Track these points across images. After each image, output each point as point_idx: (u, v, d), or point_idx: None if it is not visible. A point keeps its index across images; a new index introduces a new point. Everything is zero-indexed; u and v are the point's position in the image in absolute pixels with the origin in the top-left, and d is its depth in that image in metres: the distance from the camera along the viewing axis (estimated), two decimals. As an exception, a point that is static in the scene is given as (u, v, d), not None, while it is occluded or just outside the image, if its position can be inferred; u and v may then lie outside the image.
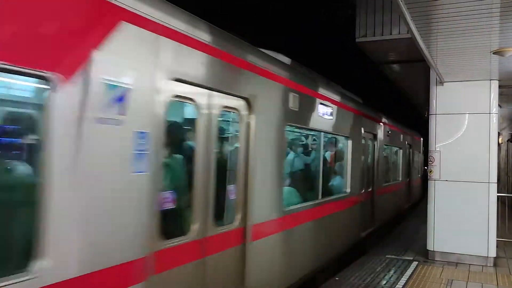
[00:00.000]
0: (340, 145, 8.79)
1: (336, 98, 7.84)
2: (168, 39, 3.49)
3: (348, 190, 8.57)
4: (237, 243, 4.56)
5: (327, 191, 7.81)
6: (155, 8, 3.38)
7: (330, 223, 7.49)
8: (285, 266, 5.73)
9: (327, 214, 7.39)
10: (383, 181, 11.89)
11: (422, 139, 20.39)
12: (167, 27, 3.47)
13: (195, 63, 3.86)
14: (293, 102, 5.80)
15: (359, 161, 9.20)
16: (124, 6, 3.06)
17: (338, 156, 8.76)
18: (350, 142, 8.62)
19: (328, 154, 8.25)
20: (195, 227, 3.89)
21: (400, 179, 14.94)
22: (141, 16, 3.21)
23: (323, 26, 15.63)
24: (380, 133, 11.36)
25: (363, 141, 9.57)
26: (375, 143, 10.88)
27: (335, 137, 8.33)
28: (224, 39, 4.39)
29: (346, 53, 14.45)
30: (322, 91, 7.11)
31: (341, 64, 16.36)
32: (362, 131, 9.44)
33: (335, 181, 8.50)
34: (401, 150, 14.95)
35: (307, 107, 6.43)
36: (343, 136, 8.51)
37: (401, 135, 14.74)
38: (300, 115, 6.12)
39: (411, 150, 16.99)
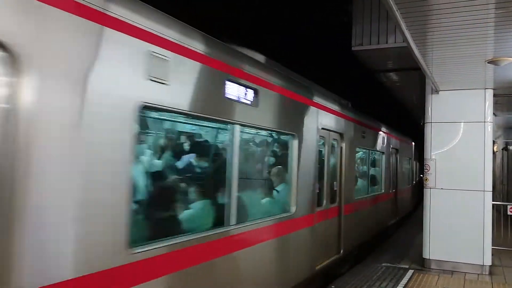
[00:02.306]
0: (276, 145, 6.66)
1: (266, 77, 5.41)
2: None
3: (293, 209, 6.09)
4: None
5: (245, 214, 5.14)
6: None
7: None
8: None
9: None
10: (354, 195, 9.22)
11: (413, 144, 18.66)
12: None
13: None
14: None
15: (310, 167, 6.72)
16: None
17: (273, 160, 6.59)
18: (295, 142, 6.20)
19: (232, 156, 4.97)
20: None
21: (383, 190, 12.30)
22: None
23: (319, 34, 15.71)
24: (350, 133, 8.87)
25: (320, 142, 7.24)
26: (342, 145, 8.35)
27: (272, 134, 6.34)
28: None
29: (342, 61, 14.51)
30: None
31: (336, 71, 16.43)
32: (317, 128, 7.00)
33: (272, 195, 6.18)
34: (383, 156, 12.38)
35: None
36: (284, 132, 6.13)
37: (384, 138, 12.35)
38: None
39: (398, 156, 14.43)
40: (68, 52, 2.77)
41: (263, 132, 6.01)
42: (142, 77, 3.33)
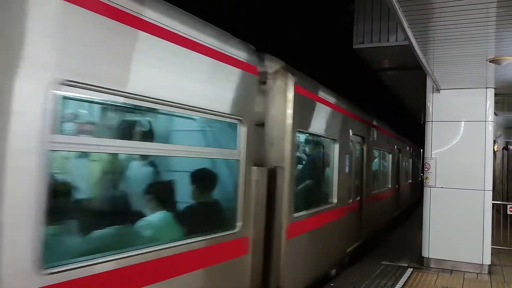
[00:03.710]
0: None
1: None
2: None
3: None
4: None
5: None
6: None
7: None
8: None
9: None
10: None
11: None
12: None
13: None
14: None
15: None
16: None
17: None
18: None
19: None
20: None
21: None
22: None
23: (321, 32, 15.69)
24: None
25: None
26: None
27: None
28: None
29: (343, 59, 14.50)
30: None
31: (337, 69, 16.41)
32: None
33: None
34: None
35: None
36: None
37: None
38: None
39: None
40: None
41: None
42: None
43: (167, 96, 3.45)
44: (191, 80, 3.79)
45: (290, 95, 5.17)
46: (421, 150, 20.08)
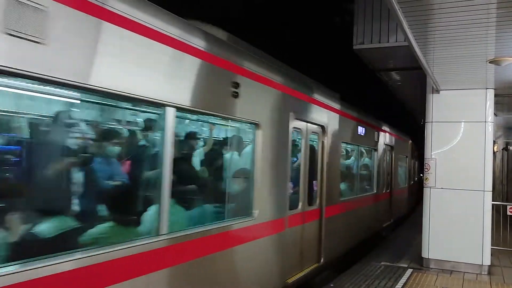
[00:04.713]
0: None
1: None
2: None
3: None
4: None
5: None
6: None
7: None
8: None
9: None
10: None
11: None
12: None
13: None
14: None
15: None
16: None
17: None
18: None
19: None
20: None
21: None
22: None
23: (320, 32, 15.71)
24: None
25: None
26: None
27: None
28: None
29: (343, 60, 14.51)
30: None
31: (337, 70, 16.43)
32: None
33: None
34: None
35: None
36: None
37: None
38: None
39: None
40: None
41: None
42: None
43: None
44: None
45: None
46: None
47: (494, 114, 8.47)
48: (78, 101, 3.44)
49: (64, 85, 2.88)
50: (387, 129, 12.72)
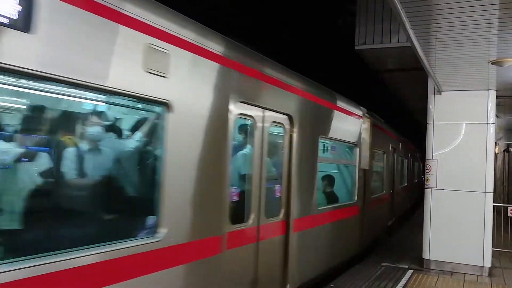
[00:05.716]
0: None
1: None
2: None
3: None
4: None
5: None
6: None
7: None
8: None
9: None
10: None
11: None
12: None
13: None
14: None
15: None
16: None
17: None
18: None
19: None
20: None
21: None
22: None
23: (323, 33, 15.70)
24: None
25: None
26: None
27: None
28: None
29: (345, 60, 14.49)
30: None
31: (339, 70, 16.41)
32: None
33: None
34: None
35: None
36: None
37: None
38: None
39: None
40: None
41: None
42: None
43: None
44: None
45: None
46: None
47: (496, 115, 8.45)
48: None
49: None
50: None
